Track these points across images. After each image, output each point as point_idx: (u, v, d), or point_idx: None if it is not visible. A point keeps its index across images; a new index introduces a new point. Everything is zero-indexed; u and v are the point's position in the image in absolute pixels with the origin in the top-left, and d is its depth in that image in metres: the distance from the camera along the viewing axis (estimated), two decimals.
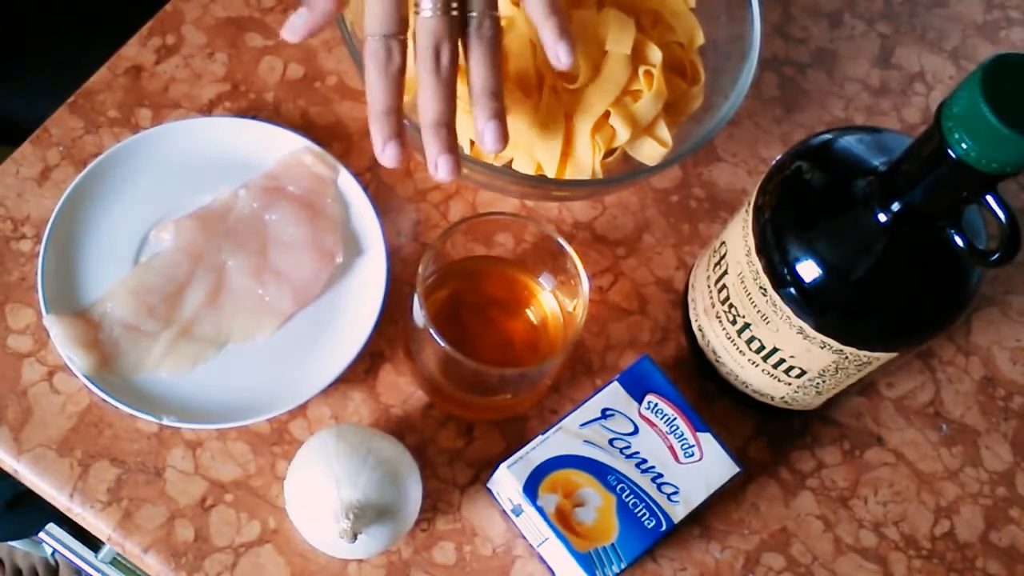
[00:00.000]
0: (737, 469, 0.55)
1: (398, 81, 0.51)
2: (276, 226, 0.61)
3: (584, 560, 0.52)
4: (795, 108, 0.72)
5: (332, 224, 0.61)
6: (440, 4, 0.50)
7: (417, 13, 0.50)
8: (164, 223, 0.61)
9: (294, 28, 0.53)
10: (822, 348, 0.51)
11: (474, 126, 0.52)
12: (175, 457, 0.57)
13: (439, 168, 0.51)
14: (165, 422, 0.55)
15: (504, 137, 0.52)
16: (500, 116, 0.52)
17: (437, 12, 0.50)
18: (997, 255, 0.44)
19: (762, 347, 0.54)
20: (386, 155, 0.52)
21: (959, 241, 0.46)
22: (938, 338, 0.58)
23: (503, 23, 0.59)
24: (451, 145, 0.51)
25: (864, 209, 0.48)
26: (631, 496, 0.54)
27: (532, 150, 0.59)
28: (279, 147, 0.63)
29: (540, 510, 0.53)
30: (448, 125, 0.51)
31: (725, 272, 0.55)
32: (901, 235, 0.47)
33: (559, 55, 0.52)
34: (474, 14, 0.51)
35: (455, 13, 0.50)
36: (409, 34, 0.52)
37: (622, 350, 0.63)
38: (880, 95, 0.73)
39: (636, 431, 0.55)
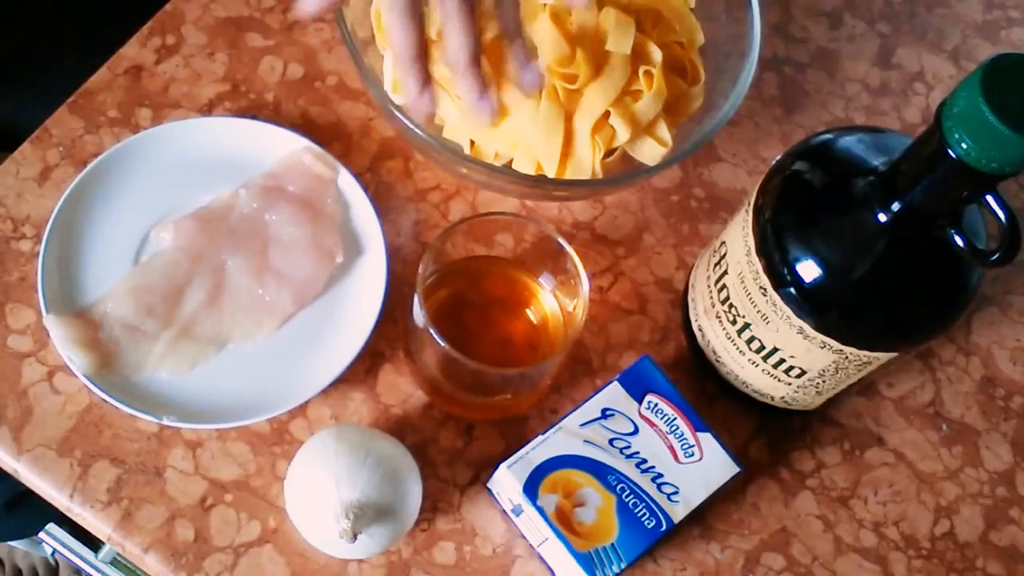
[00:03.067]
0: (737, 469, 0.55)
1: (422, 25, 0.51)
2: (276, 226, 0.61)
3: (584, 560, 0.52)
4: (795, 108, 0.72)
5: (332, 224, 0.61)
6: None
7: None
8: (164, 223, 0.61)
9: (307, 5, 0.52)
10: (822, 348, 0.51)
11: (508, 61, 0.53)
12: (175, 457, 0.57)
13: (479, 106, 0.51)
14: (165, 422, 0.55)
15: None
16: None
17: None
18: (997, 255, 0.44)
19: (762, 347, 0.54)
20: (423, 101, 0.51)
21: (959, 241, 0.46)
22: (938, 338, 0.58)
23: None
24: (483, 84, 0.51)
25: (864, 209, 0.48)
26: (631, 496, 0.54)
27: (532, 150, 0.59)
28: (279, 147, 0.63)
29: (540, 510, 0.53)
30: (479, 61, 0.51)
31: (725, 272, 0.55)
32: (901, 235, 0.47)
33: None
34: None
35: None
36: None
37: (622, 350, 0.63)
38: (880, 95, 0.73)
39: (636, 431, 0.55)
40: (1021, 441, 0.64)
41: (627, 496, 0.54)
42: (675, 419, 0.55)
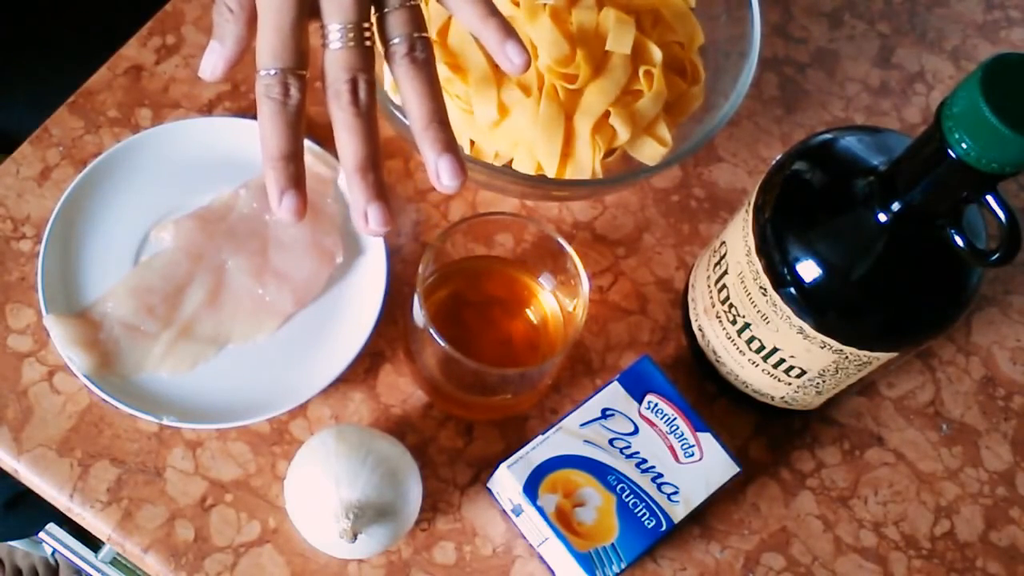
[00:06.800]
0: (737, 469, 0.55)
1: (297, 122, 0.45)
2: (276, 226, 0.61)
3: (584, 560, 0.52)
4: (795, 108, 0.72)
5: (332, 224, 0.61)
6: (352, 33, 0.44)
7: (325, 45, 0.44)
8: (164, 223, 0.61)
9: (212, 67, 0.46)
10: (822, 348, 0.51)
11: (425, 162, 0.46)
12: (175, 457, 0.57)
13: (370, 220, 0.45)
14: (165, 422, 0.55)
15: (462, 169, 0.45)
16: (454, 147, 0.45)
17: (349, 43, 0.44)
18: (997, 255, 0.44)
19: (762, 347, 0.54)
20: (284, 207, 0.45)
21: (959, 241, 0.46)
22: (938, 338, 0.58)
23: None
24: (380, 191, 0.45)
25: (864, 209, 0.48)
26: (631, 496, 0.54)
27: (532, 150, 0.59)
28: None
29: (540, 510, 0.53)
30: (375, 167, 0.45)
31: (725, 272, 0.55)
32: (901, 235, 0.47)
33: (510, 56, 0.46)
34: (397, 39, 0.45)
35: (368, 43, 0.44)
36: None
37: (622, 350, 0.63)
38: (880, 95, 0.73)
39: (636, 431, 0.55)
40: (1021, 441, 0.64)
41: (627, 496, 0.54)
42: (675, 419, 0.55)
